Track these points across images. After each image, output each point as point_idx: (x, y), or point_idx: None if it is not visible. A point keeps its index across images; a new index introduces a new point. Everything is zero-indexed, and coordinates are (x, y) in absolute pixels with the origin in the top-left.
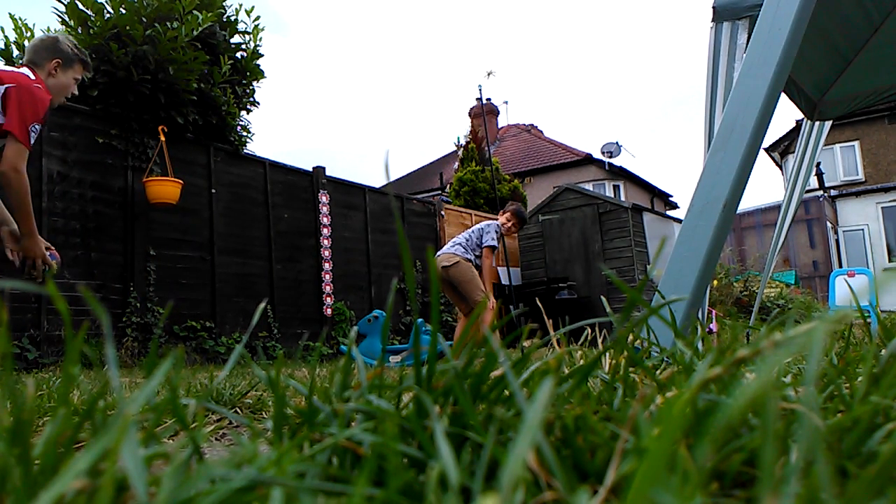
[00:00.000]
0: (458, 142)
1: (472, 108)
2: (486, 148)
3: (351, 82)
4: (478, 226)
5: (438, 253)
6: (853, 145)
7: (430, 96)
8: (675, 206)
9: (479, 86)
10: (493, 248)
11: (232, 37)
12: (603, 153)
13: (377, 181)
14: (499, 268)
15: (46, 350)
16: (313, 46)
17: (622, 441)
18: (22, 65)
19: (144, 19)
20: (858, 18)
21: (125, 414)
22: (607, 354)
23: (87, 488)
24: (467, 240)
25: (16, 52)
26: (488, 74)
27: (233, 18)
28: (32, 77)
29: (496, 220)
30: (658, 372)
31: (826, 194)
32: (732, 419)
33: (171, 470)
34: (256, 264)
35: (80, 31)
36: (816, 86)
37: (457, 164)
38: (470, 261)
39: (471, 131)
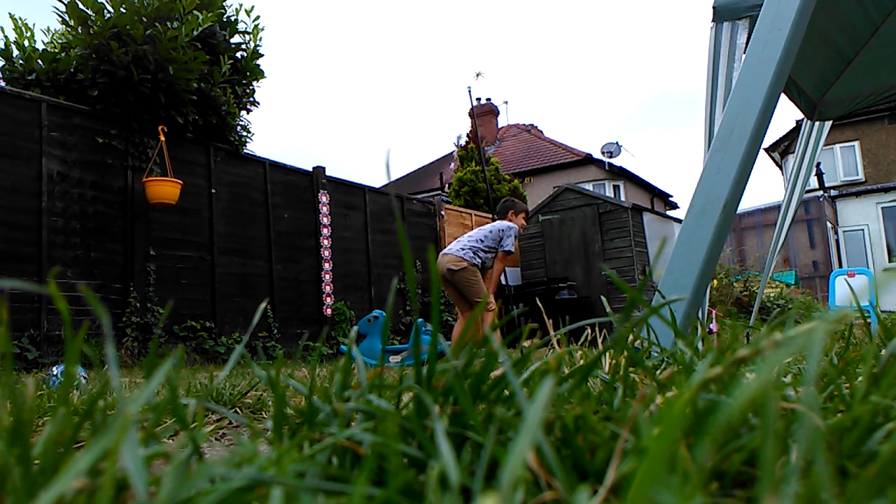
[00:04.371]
0: (458, 141)
1: (471, 108)
2: (477, 147)
3: (351, 81)
4: (495, 227)
5: (445, 251)
6: (853, 145)
7: (430, 96)
8: (675, 206)
9: (469, 88)
10: (509, 252)
11: (232, 37)
12: (603, 153)
13: (377, 181)
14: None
15: (46, 350)
16: (313, 45)
17: (622, 441)
18: None
19: (144, 19)
20: (858, 18)
21: (125, 414)
22: (607, 354)
23: (87, 488)
24: (481, 241)
25: (16, 52)
26: (477, 76)
27: (233, 18)
28: None
29: (507, 222)
30: (658, 372)
31: (826, 194)
32: (732, 419)
33: (171, 469)
34: (256, 264)
35: (80, 30)
36: (816, 86)
37: (452, 164)
38: (476, 265)
39: (471, 131)
